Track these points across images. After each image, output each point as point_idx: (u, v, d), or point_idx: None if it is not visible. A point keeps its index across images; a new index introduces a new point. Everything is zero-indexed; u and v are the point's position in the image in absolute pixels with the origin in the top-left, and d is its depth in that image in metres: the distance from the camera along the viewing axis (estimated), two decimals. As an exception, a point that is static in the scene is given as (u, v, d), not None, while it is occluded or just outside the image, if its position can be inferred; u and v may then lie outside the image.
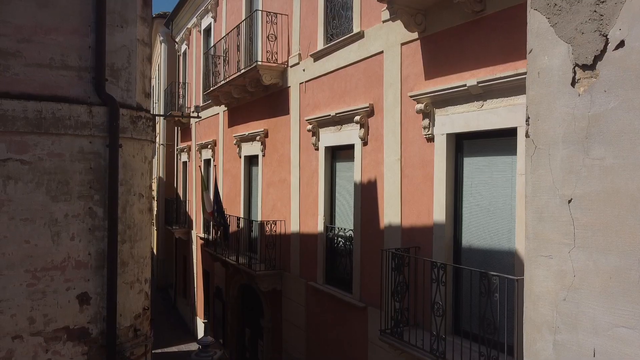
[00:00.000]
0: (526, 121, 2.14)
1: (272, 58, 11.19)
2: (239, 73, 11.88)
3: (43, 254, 4.18)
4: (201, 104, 17.63)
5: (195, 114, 14.57)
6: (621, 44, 1.79)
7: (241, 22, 12.15)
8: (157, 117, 19.08)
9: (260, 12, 11.53)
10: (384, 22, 7.69)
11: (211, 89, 14.07)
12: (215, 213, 12.41)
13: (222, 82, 13.08)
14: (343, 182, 9.41)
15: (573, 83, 1.94)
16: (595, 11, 1.87)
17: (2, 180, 4.02)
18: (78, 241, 4.32)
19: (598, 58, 1.86)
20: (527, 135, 2.13)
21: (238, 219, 12.86)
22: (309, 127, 9.95)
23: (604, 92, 1.84)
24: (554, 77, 2.00)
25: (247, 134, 13.19)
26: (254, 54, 12.34)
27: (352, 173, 8.92)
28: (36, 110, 4.13)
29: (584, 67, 1.90)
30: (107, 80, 4.48)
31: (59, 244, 4.24)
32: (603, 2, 1.85)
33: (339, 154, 9.54)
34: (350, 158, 8.95)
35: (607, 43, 1.83)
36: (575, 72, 1.93)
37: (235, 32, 12.36)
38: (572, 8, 1.94)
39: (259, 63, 10.99)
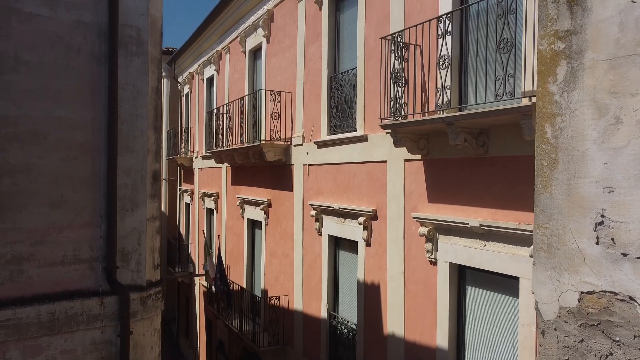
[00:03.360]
0: None
1: (275, 136, 11.29)
2: (242, 145, 11.97)
3: None
4: (204, 153, 17.74)
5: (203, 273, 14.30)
6: None
7: (244, 97, 12.24)
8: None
9: (263, 92, 11.63)
10: (387, 133, 7.77)
11: (214, 150, 14.17)
12: (218, 281, 12.49)
13: (225, 148, 13.18)
14: (347, 272, 9.49)
15: None
16: None
17: (16, 386, 4.11)
18: None
19: None
20: None
21: (241, 289, 12.95)
22: (313, 212, 10.04)
23: None
24: None
25: (250, 198, 13.28)
26: (257, 130, 12.44)
27: (355, 267, 9.00)
28: (49, 313, 4.22)
29: None
30: (117, 268, 4.58)
31: None
32: None
33: (342, 242, 9.62)
34: (354, 250, 9.04)
35: None
36: None
37: (238, 103, 12.46)
38: None
39: (263, 142, 11.08)
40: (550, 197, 2.15)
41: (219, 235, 15.57)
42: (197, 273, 18.42)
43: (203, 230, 13.30)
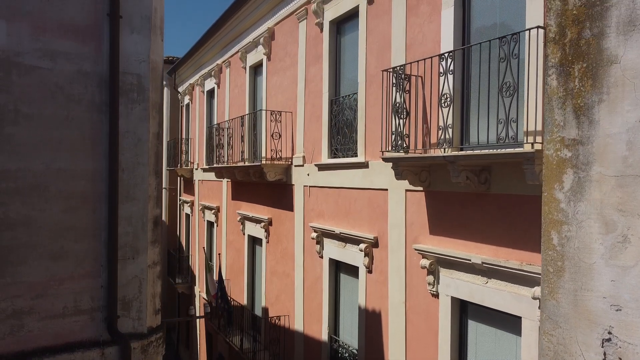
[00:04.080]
0: None
1: (276, 155, 11.27)
2: (242, 164, 11.95)
3: None
4: (204, 165, 17.71)
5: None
6: None
7: (245, 115, 12.23)
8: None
9: (264, 112, 11.62)
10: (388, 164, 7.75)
11: (214, 165, 14.15)
12: (219, 299, 12.47)
13: (226, 164, 13.16)
14: (348, 296, 9.47)
15: None
16: None
17: None
18: None
19: None
20: None
21: (242, 308, 12.92)
22: (314, 234, 10.01)
23: None
24: None
25: (250, 215, 13.27)
26: (258, 149, 12.42)
27: (357, 292, 8.98)
28: (50, 367, 4.20)
29: None
30: (118, 317, 4.55)
31: None
32: None
33: (343, 266, 9.60)
34: (355, 274, 9.02)
35: None
36: None
37: (239, 121, 12.45)
38: None
39: (264, 163, 11.06)
40: (556, 304, 2.12)
41: (219, 254, 15.55)
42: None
43: (204, 247, 13.28)
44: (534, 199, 5.41)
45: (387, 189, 7.88)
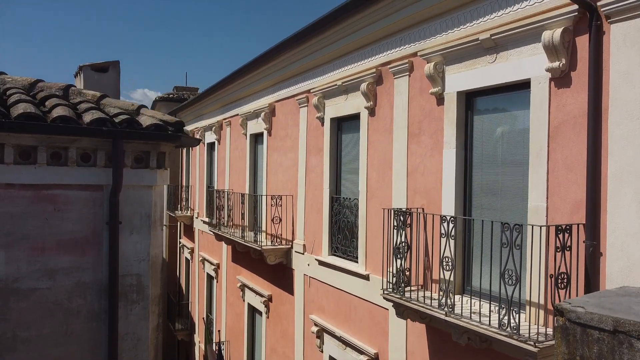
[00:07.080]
0: None
1: (276, 240, 11.23)
2: (243, 242, 11.91)
3: None
4: (204, 217, 17.67)
5: None
6: None
7: (245, 195, 12.19)
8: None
9: (265, 197, 11.58)
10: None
11: (215, 231, 14.10)
12: (219, 375, 12.43)
13: (226, 235, 13.11)
14: (347, 396, 9.41)
15: None
16: None
17: None
18: None
19: None
20: None
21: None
22: (314, 328, 9.96)
23: None
24: None
25: (251, 286, 13.22)
26: (258, 227, 12.39)
27: (356, 396, 8.93)
28: None
29: None
30: None
31: None
32: None
33: (343, 365, 9.56)
34: (355, 378, 8.97)
35: None
36: None
37: (239, 198, 12.42)
38: None
39: (264, 247, 11.02)
40: None
41: (219, 330, 15.49)
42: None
43: (203, 318, 13.27)
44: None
45: (387, 309, 7.83)
